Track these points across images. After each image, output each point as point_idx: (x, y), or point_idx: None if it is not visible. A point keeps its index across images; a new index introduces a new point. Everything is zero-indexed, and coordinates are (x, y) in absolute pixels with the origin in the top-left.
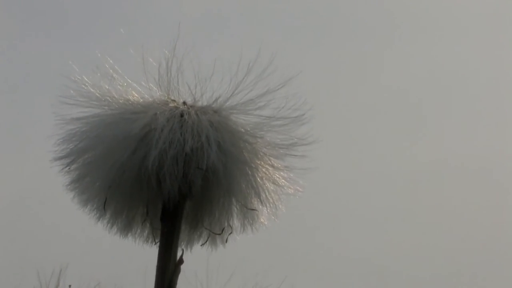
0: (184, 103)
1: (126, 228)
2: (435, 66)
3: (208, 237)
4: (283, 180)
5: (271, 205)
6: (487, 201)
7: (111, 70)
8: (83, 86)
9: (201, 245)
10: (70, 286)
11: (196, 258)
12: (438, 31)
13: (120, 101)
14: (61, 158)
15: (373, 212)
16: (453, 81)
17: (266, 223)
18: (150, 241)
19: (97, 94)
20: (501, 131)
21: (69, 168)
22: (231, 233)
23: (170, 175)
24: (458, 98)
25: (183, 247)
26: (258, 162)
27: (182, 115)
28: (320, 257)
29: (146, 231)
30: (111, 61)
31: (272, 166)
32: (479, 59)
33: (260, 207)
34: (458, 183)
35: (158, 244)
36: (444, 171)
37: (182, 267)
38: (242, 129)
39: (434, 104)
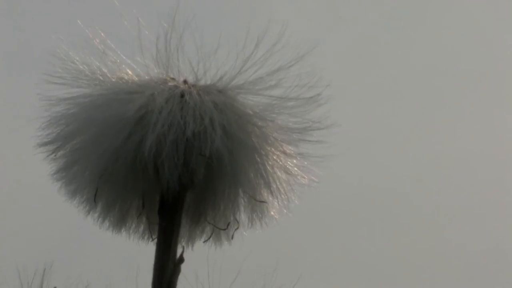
0: (185, 81)
1: (119, 222)
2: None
3: (211, 233)
4: (296, 169)
5: (283, 197)
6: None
7: (102, 45)
8: (71, 63)
9: (203, 242)
10: (55, 287)
11: (198, 256)
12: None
13: (113, 79)
14: (46, 143)
15: (398, 205)
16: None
17: (277, 217)
18: (146, 237)
19: (87, 72)
20: None
21: (55, 155)
22: (237, 228)
23: (169, 163)
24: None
25: (183, 244)
26: (268, 149)
27: (182, 95)
28: (337, 255)
29: (142, 226)
30: (102, 34)
31: (284, 152)
32: None
33: (270, 199)
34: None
35: (155, 240)
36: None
37: (182, 266)
38: (251, 111)
39: (468, 87)
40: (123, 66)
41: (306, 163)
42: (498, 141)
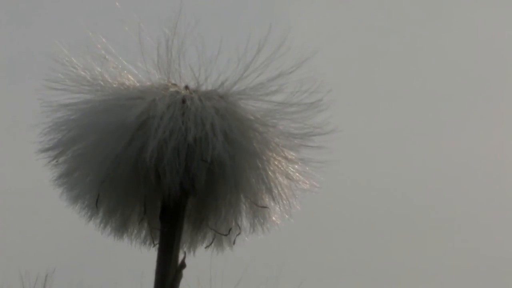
0: (186, 87)
1: (121, 228)
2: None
3: (213, 239)
4: (298, 174)
5: (284, 202)
6: None
7: (104, 51)
8: (72, 68)
9: (205, 247)
10: None
11: (200, 261)
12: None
13: (114, 85)
14: (47, 149)
15: (401, 209)
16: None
17: (278, 222)
18: (148, 242)
19: (88, 78)
20: None
21: (56, 161)
22: (239, 233)
23: (171, 169)
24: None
25: (185, 249)
26: (270, 154)
27: (184, 101)
28: (339, 260)
29: (144, 232)
30: (104, 40)
31: (286, 158)
32: None
33: (272, 204)
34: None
35: (157, 246)
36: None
37: (184, 272)
38: (252, 117)
39: (470, 91)
40: (125, 72)
41: (307, 168)
42: (504, 143)
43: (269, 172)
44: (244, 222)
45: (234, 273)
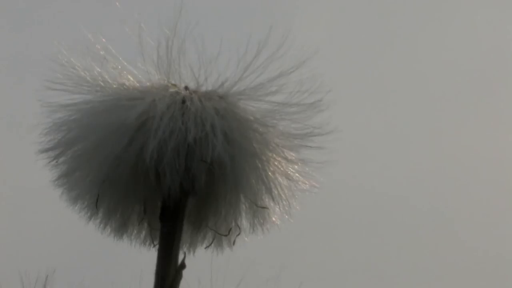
0: (186, 88)
1: (121, 228)
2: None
3: (213, 239)
4: (298, 175)
5: (284, 203)
6: None
7: (103, 51)
8: (72, 69)
9: (205, 248)
10: None
11: (200, 262)
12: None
13: (114, 86)
14: (47, 150)
15: (401, 209)
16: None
17: (278, 222)
18: (148, 243)
19: (88, 78)
20: None
21: (56, 161)
22: (239, 234)
23: (171, 169)
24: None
25: (185, 250)
26: (270, 154)
27: (184, 101)
28: (338, 261)
29: (144, 232)
30: (104, 40)
31: (285, 158)
32: None
33: (272, 204)
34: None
35: (157, 246)
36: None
37: (184, 272)
38: (252, 117)
39: (470, 91)
40: (125, 72)
41: (307, 169)
42: (505, 144)
43: (269, 173)
44: (244, 222)
45: (236, 273)
